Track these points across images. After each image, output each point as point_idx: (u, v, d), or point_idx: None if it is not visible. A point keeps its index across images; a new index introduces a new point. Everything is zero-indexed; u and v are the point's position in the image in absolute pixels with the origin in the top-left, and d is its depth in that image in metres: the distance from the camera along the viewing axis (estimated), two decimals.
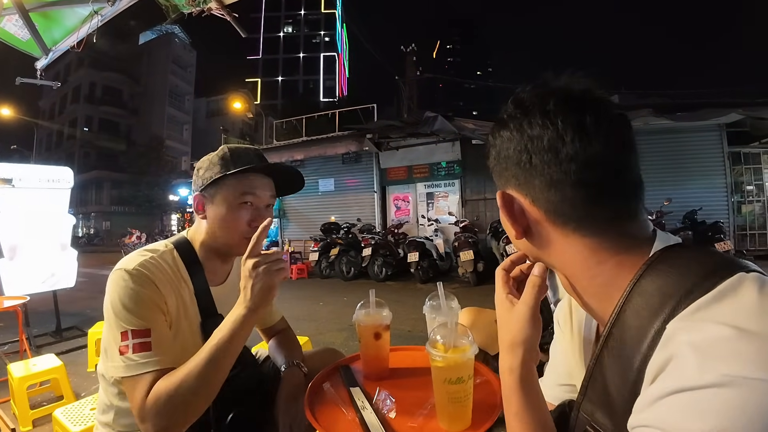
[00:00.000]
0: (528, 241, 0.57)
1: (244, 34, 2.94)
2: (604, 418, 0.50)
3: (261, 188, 1.09)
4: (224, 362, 0.89)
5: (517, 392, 0.58)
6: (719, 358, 0.35)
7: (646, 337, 0.43)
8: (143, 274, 0.96)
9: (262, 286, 0.89)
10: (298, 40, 58.92)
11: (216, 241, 1.09)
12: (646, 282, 0.46)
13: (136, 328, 0.90)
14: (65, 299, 4.71)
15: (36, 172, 3.95)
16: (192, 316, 1.06)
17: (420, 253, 7.28)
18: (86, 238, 28.22)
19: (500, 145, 0.57)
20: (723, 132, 7.98)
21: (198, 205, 1.09)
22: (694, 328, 0.39)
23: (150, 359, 0.88)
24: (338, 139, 10.49)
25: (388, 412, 0.89)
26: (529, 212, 0.55)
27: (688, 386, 0.35)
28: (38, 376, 2.47)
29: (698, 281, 0.42)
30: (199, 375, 0.86)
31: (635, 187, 0.52)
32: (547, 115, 0.50)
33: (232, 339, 0.89)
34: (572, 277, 0.55)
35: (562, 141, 0.49)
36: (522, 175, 0.54)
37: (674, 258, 0.46)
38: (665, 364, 0.39)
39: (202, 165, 1.10)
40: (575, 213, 0.51)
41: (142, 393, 0.86)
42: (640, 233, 0.51)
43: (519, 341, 0.58)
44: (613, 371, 0.47)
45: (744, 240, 8.38)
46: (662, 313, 0.42)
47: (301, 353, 1.32)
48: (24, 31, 2.72)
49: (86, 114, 34.88)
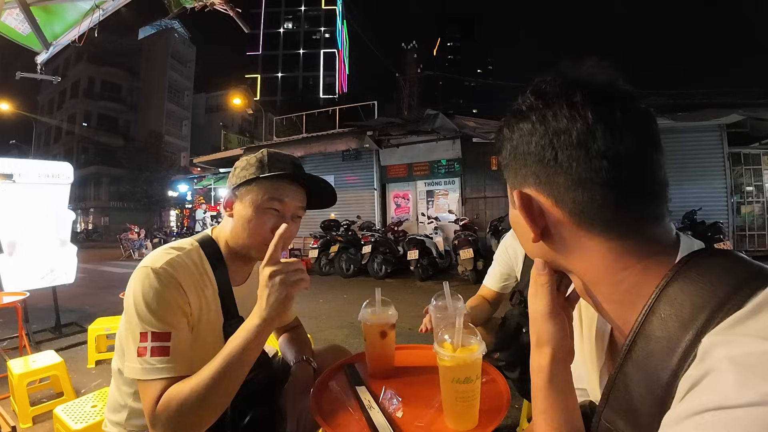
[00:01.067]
0: (546, 244, 0.53)
1: (247, 29, 2.93)
2: (627, 427, 0.48)
3: (290, 196, 1.07)
4: (237, 372, 0.87)
5: (544, 390, 0.56)
6: (760, 376, 0.33)
7: (676, 349, 0.41)
8: (169, 274, 0.95)
9: (277, 297, 0.86)
10: (298, 36, 58.83)
11: (237, 242, 1.07)
12: (673, 290, 0.44)
13: (156, 330, 0.89)
14: (65, 295, 4.71)
15: (36, 168, 3.93)
16: (214, 316, 1.05)
17: (420, 251, 7.28)
18: (85, 233, 28.17)
19: (518, 139, 0.52)
20: (723, 132, 8.00)
21: (228, 203, 1.09)
22: (733, 341, 0.37)
23: (166, 365, 0.88)
24: (338, 136, 10.48)
25: (394, 411, 0.89)
26: (550, 213, 0.51)
27: (726, 404, 0.34)
28: (38, 373, 2.46)
29: (731, 291, 0.40)
30: (211, 384, 0.84)
31: (663, 187, 0.49)
32: (575, 107, 0.47)
33: (246, 349, 0.86)
34: (593, 283, 0.52)
35: (593, 136, 0.46)
36: (544, 172, 0.49)
37: (703, 265, 0.44)
38: (700, 379, 0.37)
39: (240, 164, 1.09)
40: (603, 214, 0.47)
41: (154, 398, 0.85)
42: (665, 237, 0.49)
43: (544, 340, 0.57)
44: (638, 382, 0.46)
45: (743, 241, 8.40)
46: (693, 325, 0.40)
47: (312, 350, 1.33)
48: (25, 25, 2.70)
49: (85, 109, 34.72)
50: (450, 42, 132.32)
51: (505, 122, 0.55)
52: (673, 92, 32.25)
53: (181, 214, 22.89)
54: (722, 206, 8.02)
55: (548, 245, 0.53)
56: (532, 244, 0.54)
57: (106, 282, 8.07)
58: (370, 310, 1.10)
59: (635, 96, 0.48)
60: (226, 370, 0.85)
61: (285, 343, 1.34)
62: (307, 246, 9.70)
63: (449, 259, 8.07)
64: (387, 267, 7.80)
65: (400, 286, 7.04)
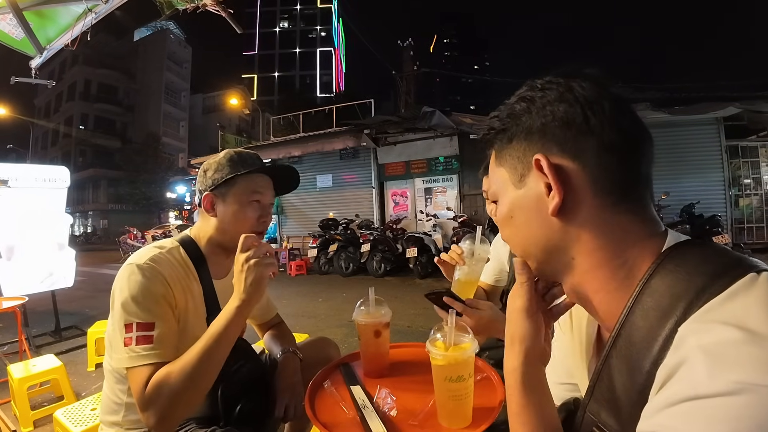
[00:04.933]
0: (559, 219, 0.51)
1: (240, 30, 2.92)
2: (610, 418, 0.49)
3: (265, 188, 1.20)
4: (219, 351, 0.94)
5: (517, 392, 0.56)
6: (730, 364, 0.35)
7: (656, 339, 0.42)
8: (153, 268, 1.01)
9: (254, 278, 0.93)
10: (294, 35, 58.56)
11: (225, 236, 1.15)
12: (655, 281, 0.45)
13: (140, 320, 0.96)
14: (64, 299, 4.71)
15: (32, 172, 3.93)
16: (199, 309, 1.12)
17: (419, 249, 7.30)
18: (84, 236, 28.13)
19: (539, 109, 0.52)
20: (720, 125, 7.99)
21: (208, 203, 1.15)
22: (704, 330, 0.38)
23: (151, 351, 0.94)
24: (336, 134, 10.45)
25: (389, 410, 0.90)
26: (574, 179, 0.50)
27: (699, 394, 0.35)
28: (38, 377, 2.47)
29: (709, 281, 0.41)
30: (196, 364, 0.91)
31: (651, 181, 0.53)
32: (602, 84, 0.51)
33: (227, 329, 0.93)
34: (592, 270, 0.51)
35: (621, 111, 0.50)
36: (572, 136, 0.50)
37: (682, 256, 0.46)
38: (676, 369, 0.38)
39: (209, 167, 1.18)
40: (619, 185, 0.49)
41: (143, 382, 0.91)
42: (658, 221, 0.52)
43: (518, 338, 0.57)
44: (621, 372, 0.47)
45: (741, 233, 8.41)
46: (673, 314, 0.42)
47: (295, 343, 1.41)
48: (18, 30, 2.69)
49: (82, 112, 34.55)
50: (447, 39, 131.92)
51: (518, 98, 0.55)
52: (670, 86, 32.27)
53: (180, 216, 22.84)
54: (720, 199, 8.02)
55: (561, 220, 0.51)
56: (538, 226, 0.53)
57: (105, 285, 8.01)
58: (363, 309, 1.11)
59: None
60: (210, 350, 0.92)
61: (269, 339, 1.43)
62: (306, 245, 9.71)
63: None
64: (386, 265, 7.82)
65: (400, 284, 7.05)
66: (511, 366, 0.57)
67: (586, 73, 0.52)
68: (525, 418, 0.55)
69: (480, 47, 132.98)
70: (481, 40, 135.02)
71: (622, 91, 0.52)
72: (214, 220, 1.15)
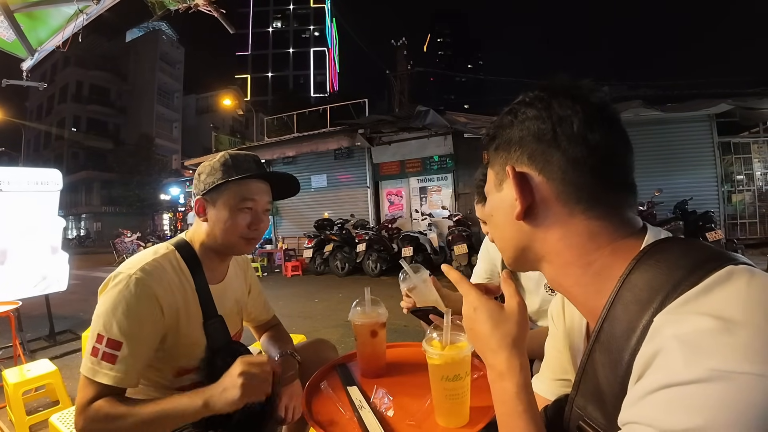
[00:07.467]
0: (526, 223, 0.56)
1: (232, 30, 2.91)
2: (596, 411, 0.50)
3: (260, 194, 1.15)
4: (164, 425, 0.92)
5: (520, 395, 0.56)
6: (706, 352, 0.35)
7: (635, 331, 0.43)
8: (143, 282, 0.99)
9: (232, 396, 0.89)
10: (287, 35, 58.35)
11: (216, 242, 1.13)
12: (635, 276, 0.46)
13: (112, 337, 0.94)
14: (58, 302, 4.66)
15: (24, 175, 3.88)
16: (194, 314, 1.10)
17: (414, 248, 7.31)
18: (77, 239, 27.94)
19: (521, 123, 0.56)
20: (713, 122, 8.06)
21: (199, 208, 1.14)
22: (680, 320, 0.39)
23: (109, 372, 0.92)
24: (330, 134, 10.45)
25: (385, 410, 0.90)
26: (539, 188, 0.54)
27: (675, 382, 0.36)
28: (33, 382, 2.45)
29: (686, 274, 0.42)
30: (139, 423, 0.89)
31: (634, 186, 0.55)
32: (578, 100, 0.53)
33: (180, 417, 0.92)
34: (565, 266, 0.54)
35: (590, 128, 0.51)
36: (540, 150, 0.54)
37: (663, 251, 0.47)
38: (652, 359, 0.39)
39: (203, 170, 1.14)
40: (588, 194, 0.52)
41: (88, 398, 0.91)
42: (635, 222, 0.53)
43: (521, 338, 0.59)
44: (604, 365, 0.48)
45: (734, 229, 8.50)
46: (650, 306, 0.42)
47: (293, 344, 1.39)
48: (9, 32, 2.67)
49: (74, 114, 34.31)
50: (440, 38, 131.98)
51: (507, 110, 0.59)
52: (662, 84, 32.48)
53: (174, 218, 22.70)
54: (713, 195, 8.09)
55: (529, 224, 0.56)
56: (509, 227, 0.58)
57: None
58: (359, 309, 1.11)
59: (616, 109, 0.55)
60: (155, 420, 0.90)
61: (267, 341, 1.40)
62: (302, 246, 9.70)
63: (444, 255, 8.09)
64: (382, 265, 7.82)
65: (396, 284, 7.00)
66: (512, 367, 0.58)
67: (571, 85, 0.55)
68: (522, 425, 0.56)
69: (473, 46, 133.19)
70: (474, 39, 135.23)
71: (606, 100, 0.54)
72: (205, 225, 1.13)
